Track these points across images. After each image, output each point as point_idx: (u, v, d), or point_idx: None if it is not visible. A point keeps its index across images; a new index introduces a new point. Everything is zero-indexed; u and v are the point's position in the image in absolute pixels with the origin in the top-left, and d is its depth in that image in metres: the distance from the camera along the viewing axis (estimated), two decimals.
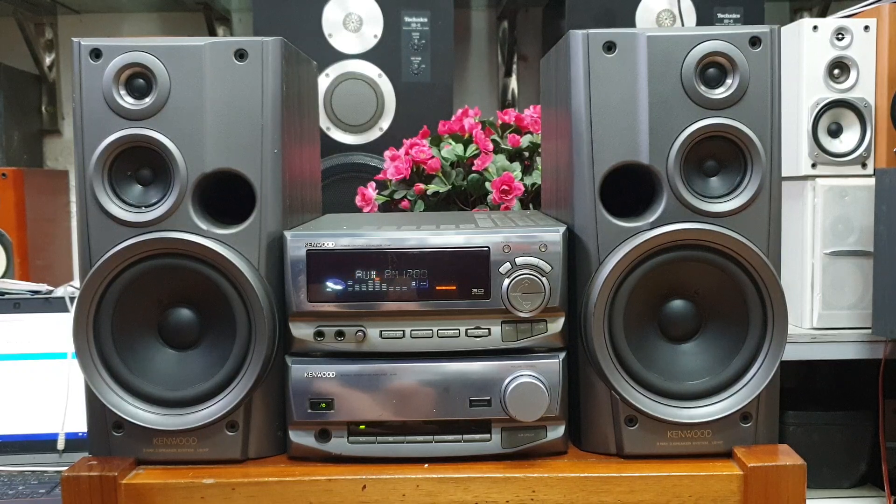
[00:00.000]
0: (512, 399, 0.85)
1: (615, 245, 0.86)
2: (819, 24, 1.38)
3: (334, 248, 0.86)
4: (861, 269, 1.38)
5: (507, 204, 1.40)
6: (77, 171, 0.87)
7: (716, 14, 1.78)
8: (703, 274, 0.87)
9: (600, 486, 0.84)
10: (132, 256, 0.85)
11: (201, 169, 0.86)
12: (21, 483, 1.26)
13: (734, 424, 0.87)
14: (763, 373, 0.87)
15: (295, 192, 0.95)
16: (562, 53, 0.91)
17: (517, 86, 2.19)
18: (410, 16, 1.76)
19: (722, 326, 0.88)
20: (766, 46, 0.86)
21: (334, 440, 0.88)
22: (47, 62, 2.16)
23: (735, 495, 0.84)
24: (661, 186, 0.86)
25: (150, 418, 0.87)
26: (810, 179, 1.39)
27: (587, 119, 0.87)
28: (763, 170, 0.86)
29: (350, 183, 1.65)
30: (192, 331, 0.88)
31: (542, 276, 0.86)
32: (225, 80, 0.87)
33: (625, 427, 0.87)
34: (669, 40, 0.86)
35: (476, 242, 0.86)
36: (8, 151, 1.94)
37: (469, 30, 2.21)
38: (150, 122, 0.86)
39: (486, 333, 0.87)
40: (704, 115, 0.86)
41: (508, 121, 1.52)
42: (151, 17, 2.20)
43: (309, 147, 1.06)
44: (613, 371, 0.86)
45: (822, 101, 1.38)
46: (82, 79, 0.87)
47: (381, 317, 0.87)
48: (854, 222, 1.38)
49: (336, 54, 1.76)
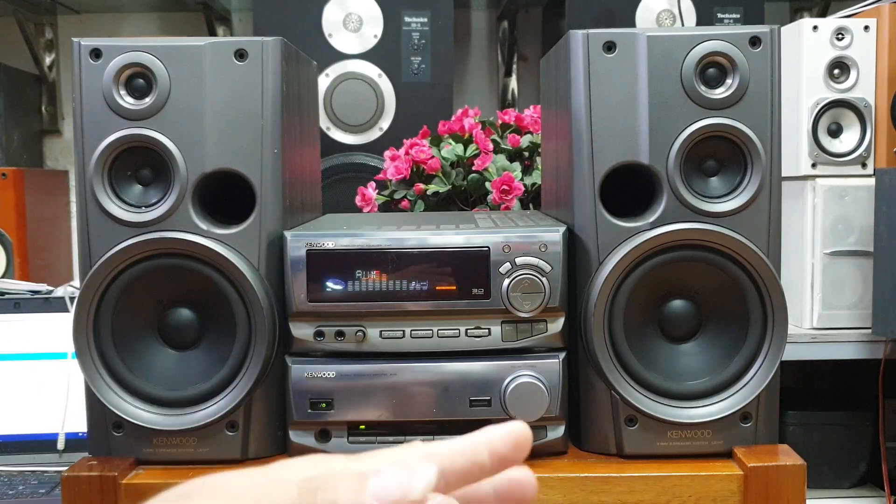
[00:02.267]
0: (512, 399, 0.85)
1: (615, 245, 0.86)
2: (819, 24, 1.38)
3: (334, 248, 0.86)
4: (861, 269, 1.38)
5: (507, 204, 1.39)
6: (77, 171, 0.87)
7: (716, 14, 1.78)
8: (703, 274, 0.87)
9: (600, 486, 0.84)
10: (132, 256, 0.85)
11: (201, 169, 0.86)
12: (21, 483, 1.26)
13: (734, 424, 0.87)
14: (763, 373, 0.87)
15: (295, 192, 0.95)
16: (562, 53, 0.91)
17: (517, 86, 2.19)
18: (410, 16, 1.76)
19: (722, 326, 0.88)
20: (766, 46, 0.86)
21: (334, 440, 0.88)
22: (47, 62, 2.16)
23: (735, 495, 0.84)
24: (661, 186, 0.86)
25: (150, 418, 0.87)
26: (810, 179, 1.39)
27: (587, 119, 0.87)
28: (763, 170, 0.86)
29: (350, 183, 1.65)
30: (192, 331, 0.88)
31: (542, 276, 0.86)
32: (225, 80, 0.87)
33: (625, 427, 0.87)
34: (669, 40, 0.86)
35: (476, 242, 0.86)
36: (8, 151, 1.94)
37: (469, 30, 2.21)
38: (150, 122, 0.86)
39: (486, 333, 0.87)
40: (704, 115, 0.86)
41: (508, 121, 1.52)
42: (151, 17, 2.20)
43: (309, 147, 1.06)
44: (613, 371, 0.86)
45: (822, 101, 1.38)
46: (82, 79, 0.87)
47: (381, 317, 0.87)
48: (854, 222, 1.38)
49: (336, 54, 1.76)
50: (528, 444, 0.40)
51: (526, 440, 0.40)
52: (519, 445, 0.40)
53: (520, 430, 0.40)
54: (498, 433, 0.39)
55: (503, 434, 0.39)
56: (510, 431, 0.40)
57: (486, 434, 0.39)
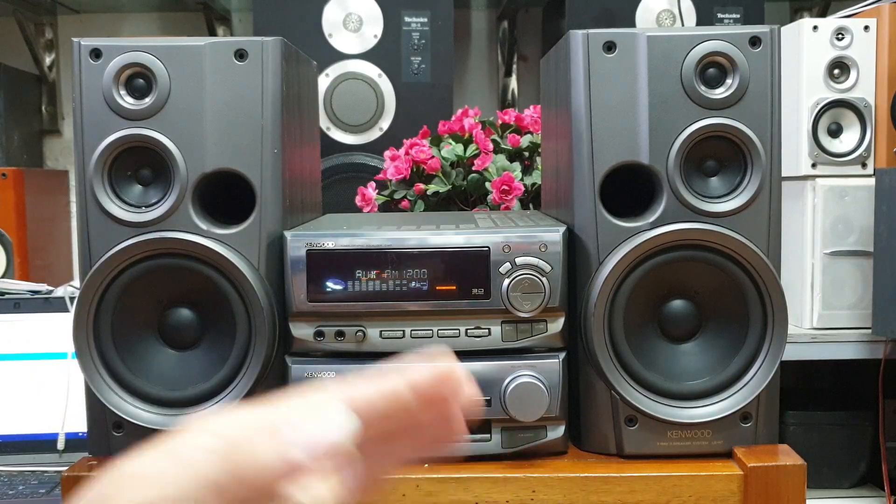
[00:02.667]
0: (512, 399, 0.85)
1: (615, 245, 0.86)
2: (819, 24, 1.38)
3: (334, 248, 0.86)
4: (861, 269, 1.38)
5: (507, 204, 1.39)
6: (77, 171, 0.87)
7: (716, 14, 1.78)
8: (703, 274, 0.87)
9: (600, 486, 0.84)
10: (132, 256, 0.85)
11: (201, 169, 0.86)
12: (21, 483, 1.26)
13: (734, 424, 0.87)
14: (763, 373, 0.87)
15: (295, 192, 0.95)
16: (562, 53, 0.91)
17: (517, 86, 2.19)
18: (410, 16, 1.76)
19: (722, 326, 0.88)
20: (766, 46, 0.86)
21: None
22: (47, 62, 2.16)
23: (735, 495, 0.84)
24: (661, 186, 0.86)
25: (150, 418, 0.86)
26: (810, 179, 1.39)
27: (587, 119, 0.87)
28: (763, 170, 0.86)
29: (350, 183, 1.65)
30: (192, 331, 0.88)
31: (542, 276, 0.86)
32: (225, 80, 0.87)
33: (625, 427, 0.87)
34: (669, 40, 0.86)
35: (476, 242, 0.86)
36: (8, 151, 1.94)
37: (469, 30, 2.21)
38: (150, 122, 0.86)
39: (486, 333, 0.87)
40: (704, 115, 0.86)
41: (508, 121, 1.52)
42: (151, 17, 2.20)
43: (309, 147, 1.06)
44: (613, 371, 0.86)
45: (822, 101, 1.38)
46: (82, 79, 0.86)
47: (381, 317, 0.87)
48: (854, 222, 1.38)
49: (336, 54, 1.76)
50: (454, 376, 0.39)
51: (450, 373, 0.39)
52: (445, 380, 0.39)
53: (444, 365, 0.39)
54: (420, 371, 0.39)
55: (426, 371, 0.39)
56: (433, 367, 0.39)
57: (409, 373, 0.39)
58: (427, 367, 0.39)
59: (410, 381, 0.39)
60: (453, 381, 0.39)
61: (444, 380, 0.39)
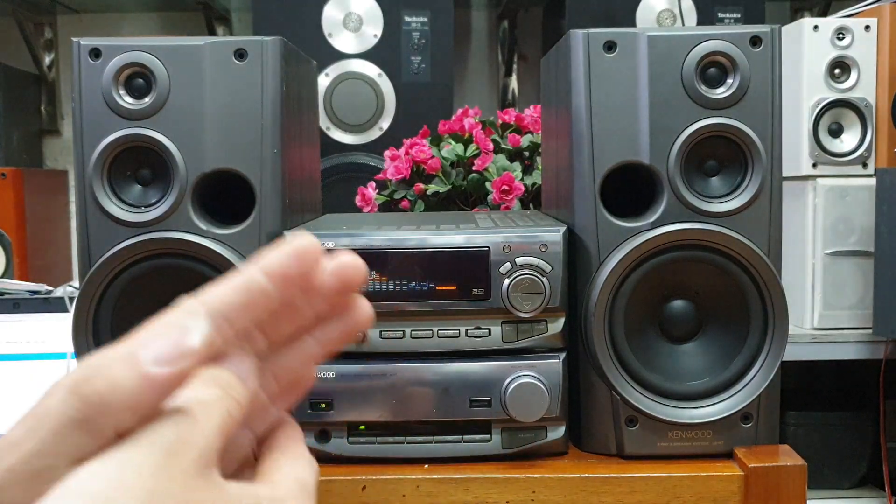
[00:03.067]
0: (512, 399, 0.85)
1: (615, 245, 0.86)
2: (820, 24, 1.38)
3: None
4: (862, 270, 1.38)
5: (507, 204, 1.39)
6: (76, 171, 0.87)
7: (716, 14, 1.78)
8: (704, 274, 0.87)
9: (600, 486, 0.84)
10: (132, 256, 0.85)
11: (201, 169, 0.86)
12: None
13: (735, 425, 0.87)
14: (764, 373, 0.86)
15: (295, 192, 0.95)
16: (562, 53, 0.91)
17: (517, 86, 2.19)
18: (410, 15, 1.76)
19: (722, 327, 0.88)
20: (766, 46, 0.86)
21: (334, 440, 0.87)
22: (47, 62, 2.16)
23: (736, 496, 0.84)
24: (661, 186, 0.86)
25: None
26: (811, 179, 1.39)
27: (587, 119, 0.87)
28: (764, 170, 0.86)
29: (350, 183, 1.65)
30: None
31: (542, 277, 0.85)
32: (225, 80, 0.87)
33: (625, 427, 0.87)
34: (670, 40, 0.86)
35: (476, 242, 0.86)
36: (7, 151, 1.94)
37: (469, 30, 2.21)
38: (150, 122, 0.86)
39: (487, 334, 0.87)
40: (705, 114, 0.86)
41: (508, 121, 1.52)
42: (151, 17, 2.20)
43: (309, 147, 1.06)
44: (614, 371, 0.86)
45: (823, 100, 1.38)
46: (82, 78, 0.86)
47: (381, 317, 0.86)
48: (855, 222, 1.38)
49: (336, 54, 1.76)
50: (311, 252, 0.37)
51: (305, 249, 0.37)
52: (301, 257, 0.37)
53: (296, 242, 0.37)
54: (271, 253, 0.37)
55: (278, 252, 0.37)
56: (284, 246, 0.37)
57: (260, 259, 0.37)
58: (276, 248, 0.37)
59: (261, 266, 0.37)
60: (307, 254, 0.37)
61: (297, 255, 0.37)
